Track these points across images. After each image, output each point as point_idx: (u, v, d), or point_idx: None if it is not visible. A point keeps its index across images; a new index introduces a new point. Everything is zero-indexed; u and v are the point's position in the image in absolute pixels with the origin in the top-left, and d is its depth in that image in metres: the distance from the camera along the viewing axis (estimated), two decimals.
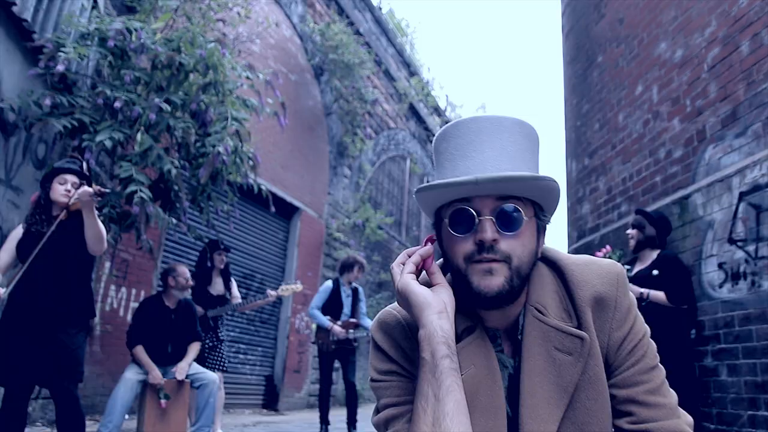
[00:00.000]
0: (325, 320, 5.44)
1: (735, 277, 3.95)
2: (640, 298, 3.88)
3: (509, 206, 0.97)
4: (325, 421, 5.44)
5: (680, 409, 1.04)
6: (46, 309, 2.92)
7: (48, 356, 2.88)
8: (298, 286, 5.43)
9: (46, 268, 2.96)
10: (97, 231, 3.01)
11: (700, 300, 4.25)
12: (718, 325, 4.05)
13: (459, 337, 1.04)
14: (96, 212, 3.01)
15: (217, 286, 5.10)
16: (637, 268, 4.19)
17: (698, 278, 4.31)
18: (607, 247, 4.28)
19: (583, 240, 6.24)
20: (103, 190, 2.97)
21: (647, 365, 1.04)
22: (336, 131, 10.26)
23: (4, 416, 2.87)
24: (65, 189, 3.08)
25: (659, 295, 3.91)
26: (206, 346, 4.91)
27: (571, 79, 7.11)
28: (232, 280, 5.25)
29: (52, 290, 2.95)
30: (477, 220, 0.97)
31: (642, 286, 3.97)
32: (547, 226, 1.06)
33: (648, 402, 1.01)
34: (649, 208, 4.97)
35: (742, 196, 3.96)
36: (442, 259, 1.10)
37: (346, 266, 5.60)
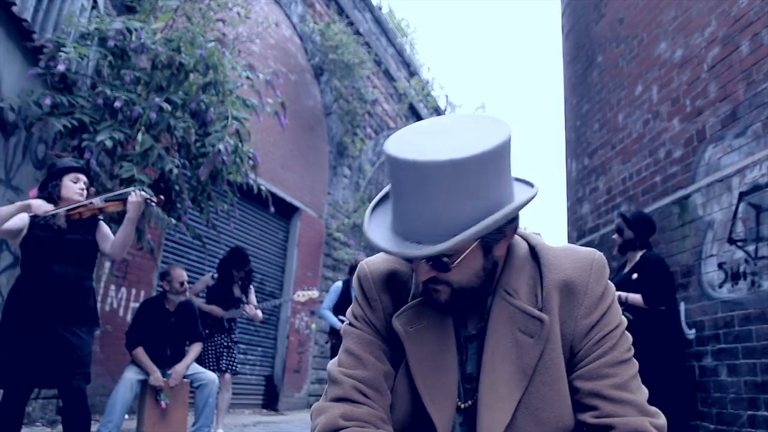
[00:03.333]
0: (336, 321, 5.48)
1: (735, 277, 3.95)
2: (619, 303, 3.84)
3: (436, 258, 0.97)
4: None
5: (652, 408, 1.02)
6: (57, 309, 2.88)
7: (55, 358, 2.84)
8: (314, 293, 5.50)
9: (61, 267, 2.91)
10: (130, 237, 3.03)
11: (700, 300, 4.25)
12: (718, 325, 4.05)
13: (418, 294, 1.08)
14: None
15: (235, 290, 5.17)
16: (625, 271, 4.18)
17: (698, 278, 4.31)
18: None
19: (583, 240, 6.24)
20: (161, 197, 3.09)
21: (616, 359, 1.02)
22: (336, 131, 10.26)
23: (1, 416, 2.83)
24: (79, 187, 3.03)
25: (636, 298, 3.87)
26: (221, 345, 4.96)
27: (571, 79, 7.11)
28: (251, 287, 5.33)
29: (66, 290, 2.91)
30: (413, 261, 1.01)
31: (623, 290, 3.93)
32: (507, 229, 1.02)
33: (613, 397, 1.00)
34: (649, 208, 4.97)
35: (742, 196, 3.96)
36: None
37: (353, 269, 5.70)
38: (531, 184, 1.02)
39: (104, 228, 3.16)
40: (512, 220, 1.00)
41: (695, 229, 4.41)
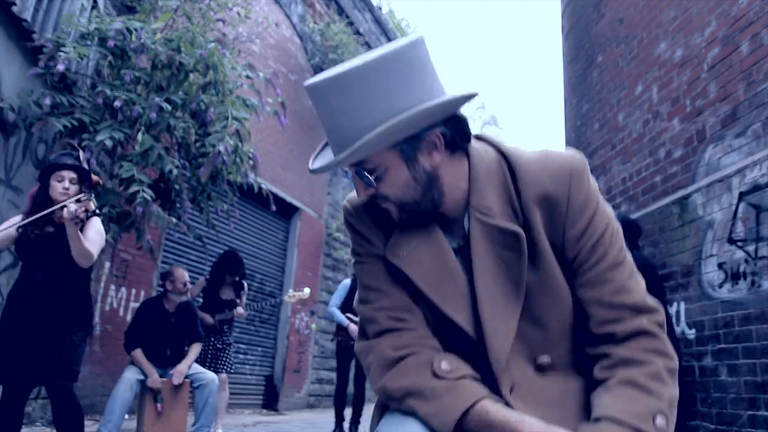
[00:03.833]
0: (343, 318, 5.42)
1: (735, 277, 3.95)
2: None
3: (358, 170, 1.02)
4: (341, 419, 5.42)
5: (651, 302, 1.05)
6: (44, 310, 2.89)
7: (44, 355, 2.85)
8: (306, 293, 5.41)
9: (46, 269, 2.92)
10: (79, 248, 2.85)
11: (700, 300, 4.26)
12: (718, 325, 4.05)
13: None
14: (82, 223, 2.83)
15: (227, 292, 5.15)
16: None
17: (698, 278, 4.31)
18: None
19: None
20: (81, 214, 2.74)
21: (610, 263, 1.03)
22: None
23: (1, 415, 2.85)
24: (63, 187, 2.96)
25: None
26: (214, 347, 4.94)
27: (571, 79, 7.11)
28: (245, 289, 5.29)
29: (51, 292, 2.91)
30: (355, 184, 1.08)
31: None
32: (443, 131, 1.01)
33: (612, 302, 1.02)
34: (649, 208, 4.97)
35: (742, 196, 3.96)
36: None
37: None
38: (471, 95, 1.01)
39: (88, 231, 3.02)
40: (433, 127, 0.99)
41: (695, 229, 4.41)
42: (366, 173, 1.01)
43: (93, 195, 3.06)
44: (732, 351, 3.90)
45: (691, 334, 4.31)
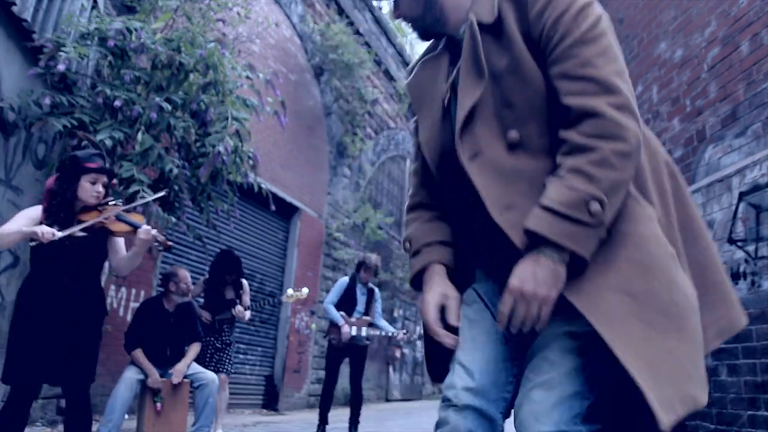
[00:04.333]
0: (338, 316, 5.38)
1: (735, 277, 3.95)
2: None
3: None
4: (324, 421, 5.33)
5: (617, 83, 1.07)
6: (70, 312, 2.87)
7: (63, 357, 2.84)
8: (304, 293, 5.38)
9: (72, 272, 2.89)
10: (135, 264, 3.11)
11: None
12: None
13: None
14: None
15: (228, 292, 5.13)
16: None
17: None
18: None
19: None
20: (169, 243, 3.11)
21: (576, 39, 1.08)
22: (336, 131, 10.26)
23: (6, 415, 2.82)
24: (96, 190, 2.92)
25: None
26: (213, 347, 4.93)
27: None
28: (245, 287, 5.25)
29: (76, 295, 2.90)
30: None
31: None
32: None
33: (576, 74, 1.07)
34: None
35: (741, 196, 3.96)
36: None
37: (360, 265, 5.65)
38: None
39: (118, 240, 3.12)
40: None
41: None
42: None
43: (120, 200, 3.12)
44: (732, 351, 3.90)
45: None
